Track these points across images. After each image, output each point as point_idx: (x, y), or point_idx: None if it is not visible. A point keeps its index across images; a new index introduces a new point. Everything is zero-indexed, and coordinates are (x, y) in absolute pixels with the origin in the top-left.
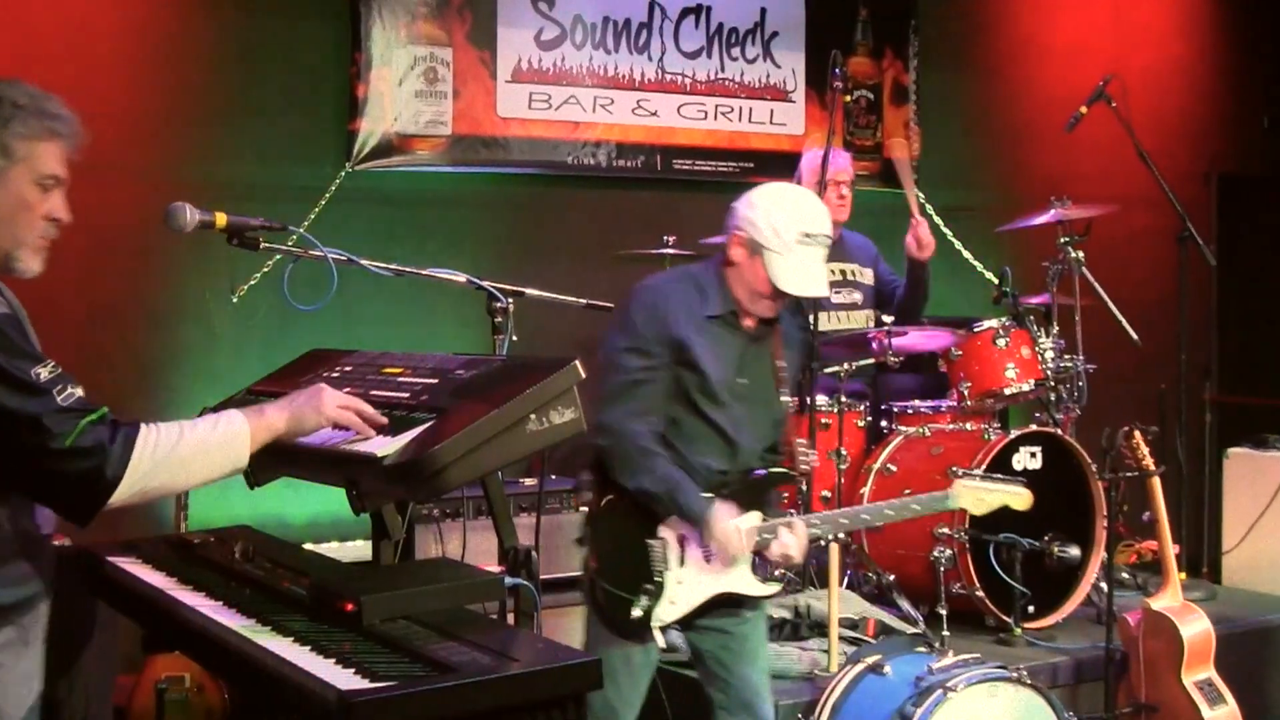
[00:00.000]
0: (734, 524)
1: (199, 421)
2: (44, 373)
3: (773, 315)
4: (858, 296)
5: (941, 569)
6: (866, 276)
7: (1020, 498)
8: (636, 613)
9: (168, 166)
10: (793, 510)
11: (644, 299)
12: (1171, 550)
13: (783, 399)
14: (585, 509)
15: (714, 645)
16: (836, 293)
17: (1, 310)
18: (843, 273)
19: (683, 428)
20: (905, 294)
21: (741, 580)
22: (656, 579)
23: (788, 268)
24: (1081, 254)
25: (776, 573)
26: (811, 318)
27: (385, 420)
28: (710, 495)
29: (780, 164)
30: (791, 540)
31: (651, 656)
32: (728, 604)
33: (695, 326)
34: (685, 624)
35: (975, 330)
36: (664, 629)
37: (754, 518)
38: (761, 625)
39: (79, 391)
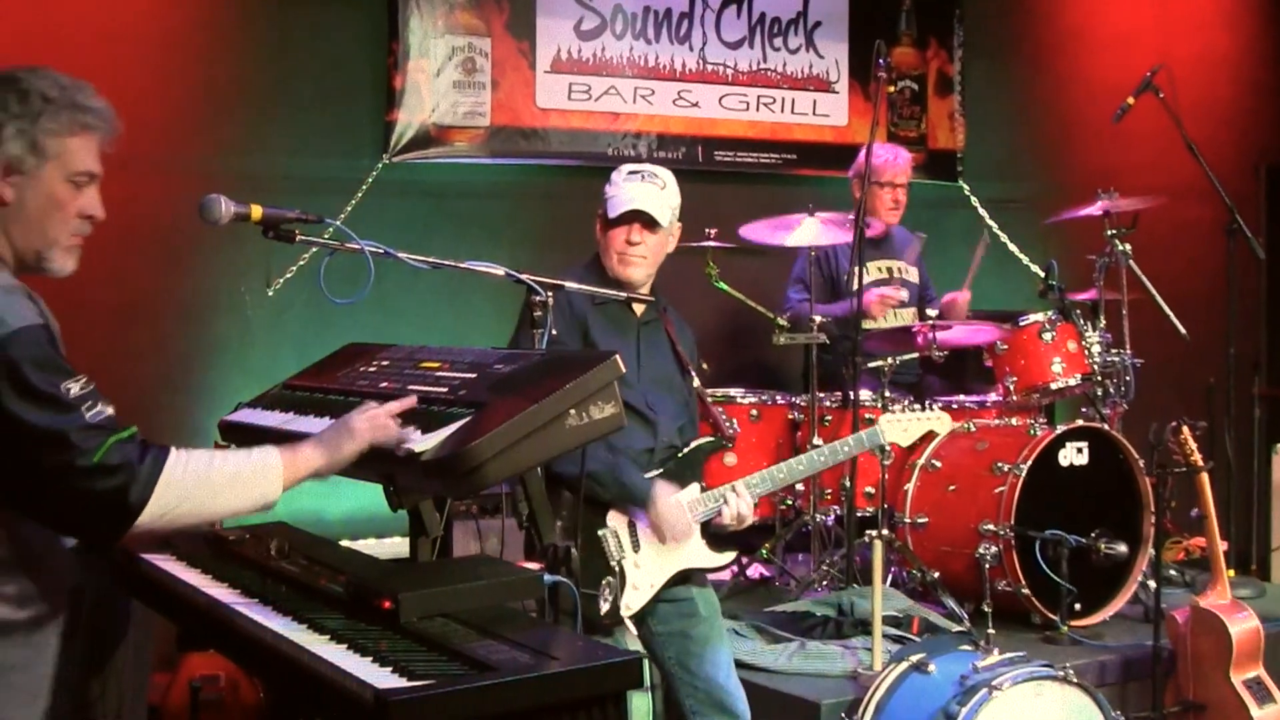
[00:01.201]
0: (675, 499)
1: (232, 452)
2: (75, 388)
3: (637, 270)
4: (904, 295)
5: (987, 566)
6: (912, 275)
7: (941, 421)
8: (604, 606)
9: (202, 158)
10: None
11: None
12: (1220, 547)
13: (688, 380)
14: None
15: (675, 651)
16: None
17: (34, 321)
18: (889, 270)
19: None
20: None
21: (697, 554)
22: (615, 568)
23: (613, 201)
24: (1129, 246)
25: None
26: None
27: (414, 400)
28: (652, 475)
29: (823, 155)
30: (738, 502)
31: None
32: (682, 601)
33: (590, 312)
34: (642, 629)
35: (1021, 324)
36: (634, 618)
37: (694, 490)
38: (718, 623)
39: (109, 410)
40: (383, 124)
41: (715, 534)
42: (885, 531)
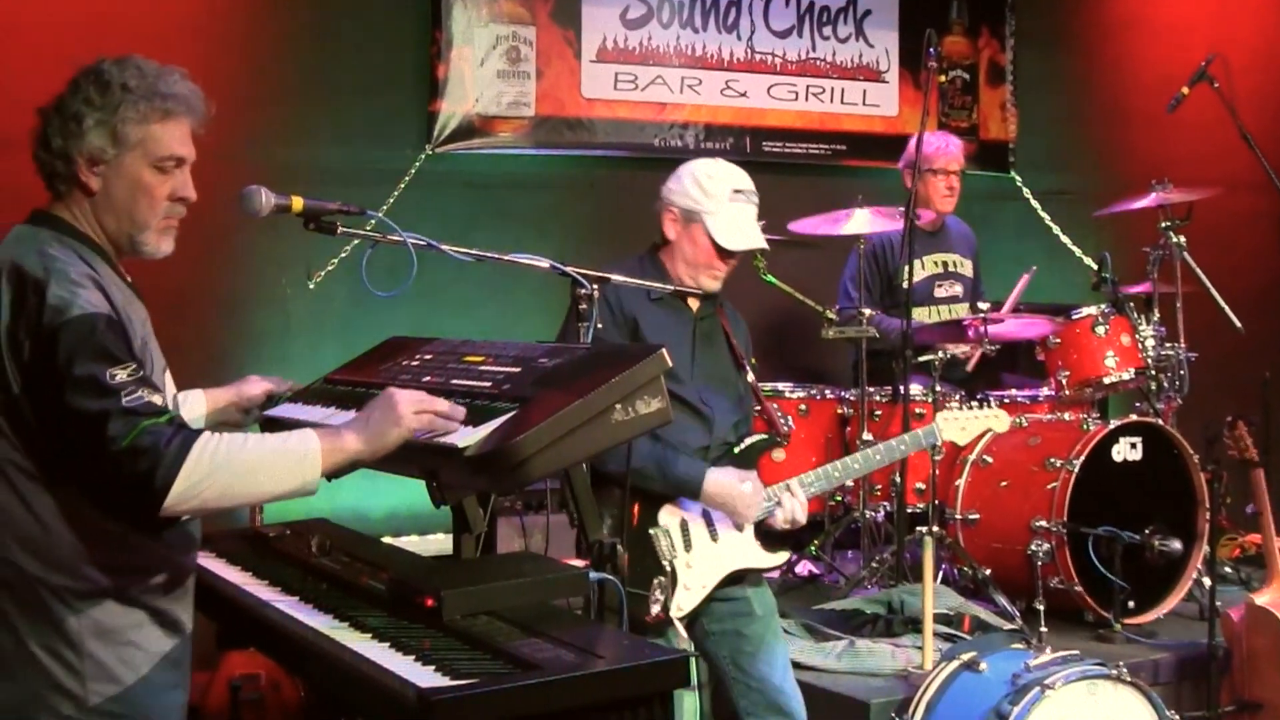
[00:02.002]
0: (733, 483)
1: (270, 435)
2: (121, 375)
3: (717, 283)
4: (959, 289)
5: (1039, 563)
6: (967, 268)
7: (1000, 419)
8: (655, 608)
9: (242, 149)
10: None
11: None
12: (1276, 544)
13: (744, 375)
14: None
15: (729, 650)
16: (939, 285)
17: (94, 310)
18: (944, 264)
19: None
20: None
21: (750, 554)
22: (667, 568)
23: (724, 225)
24: (1183, 239)
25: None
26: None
27: (464, 412)
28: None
29: (873, 146)
30: (793, 502)
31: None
32: (737, 600)
33: (643, 308)
34: (695, 628)
35: (1074, 318)
36: (685, 618)
37: (753, 484)
38: (774, 623)
39: (151, 397)
40: (425, 114)
41: (768, 533)
42: (936, 528)
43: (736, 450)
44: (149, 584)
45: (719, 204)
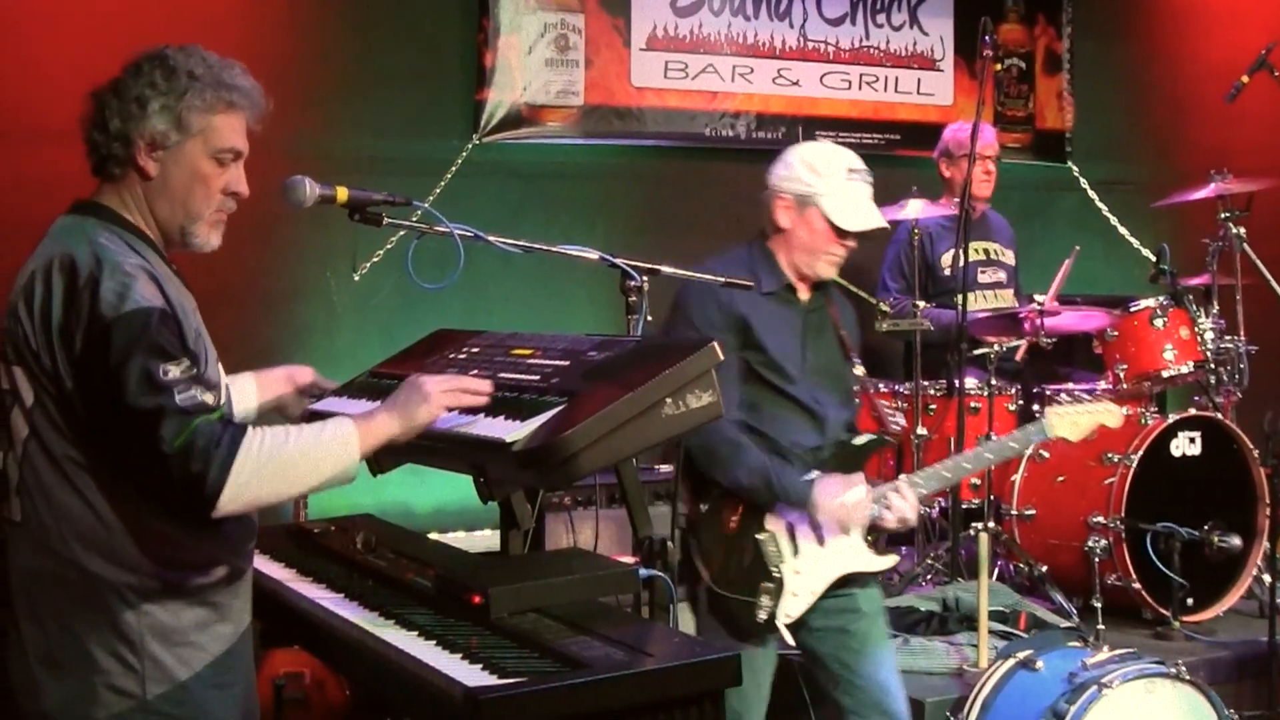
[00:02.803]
0: (841, 500)
1: (308, 426)
2: (174, 371)
3: (834, 269)
4: (1002, 275)
5: (1096, 560)
6: (1009, 257)
7: (1113, 414)
8: (761, 615)
9: (286, 139)
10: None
11: (696, 289)
12: None
13: (852, 368)
14: (684, 517)
15: (834, 647)
16: (982, 271)
17: (148, 304)
18: (986, 251)
19: (765, 411)
20: None
21: (858, 557)
22: (774, 574)
23: (843, 205)
24: (1242, 230)
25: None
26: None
27: (490, 385)
28: (812, 476)
29: (927, 136)
30: (903, 504)
31: (771, 655)
32: (843, 597)
33: (753, 305)
34: (801, 627)
35: (1131, 310)
36: (790, 625)
37: (861, 489)
38: (881, 622)
39: (203, 395)
40: (472, 103)
41: (877, 535)
42: (991, 524)
43: (844, 451)
44: (210, 579)
45: (834, 185)
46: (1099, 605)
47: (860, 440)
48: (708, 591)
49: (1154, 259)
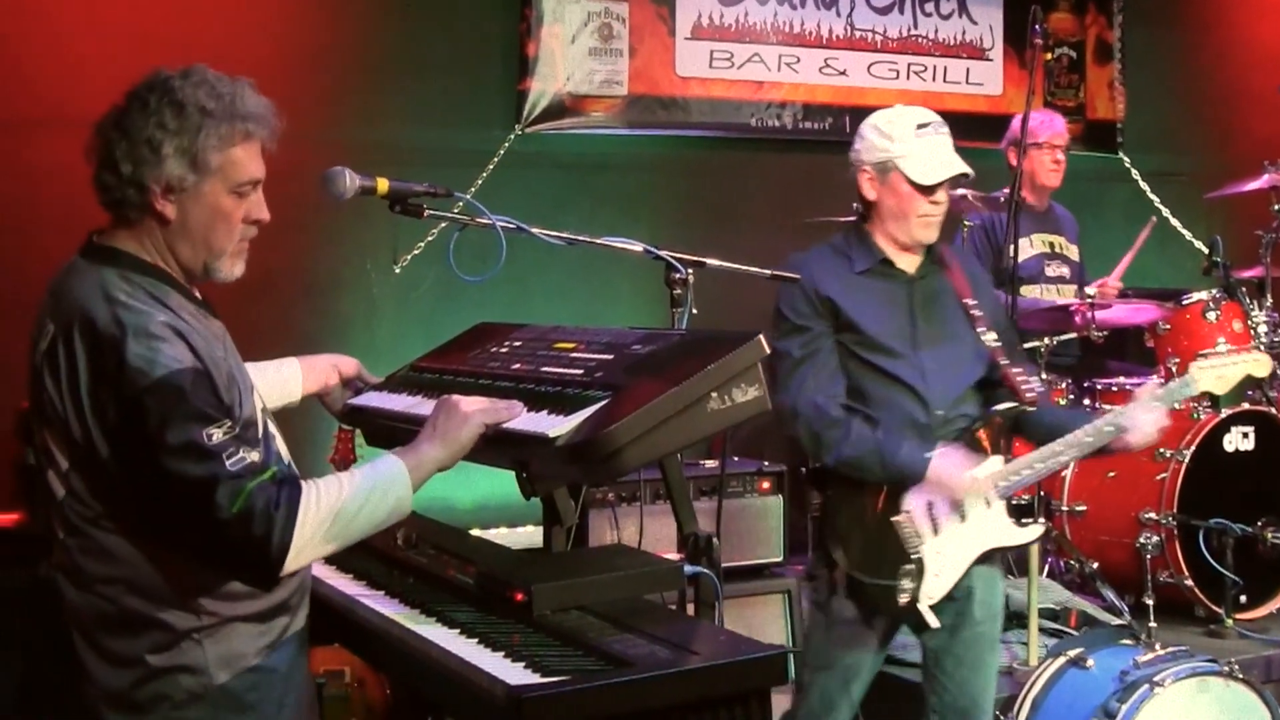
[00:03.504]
0: (971, 473)
1: (356, 471)
2: (218, 435)
3: (932, 230)
4: (1065, 271)
5: (1148, 556)
6: (1073, 253)
7: (1261, 363)
8: (903, 598)
9: (325, 129)
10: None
11: (785, 287)
12: None
13: (982, 335)
14: (815, 506)
15: (941, 643)
16: (1048, 264)
17: (179, 365)
18: (1051, 245)
19: (869, 393)
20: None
21: (1001, 531)
22: (914, 556)
23: (917, 162)
24: None
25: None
26: (1006, 293)
27: (521, 407)
28: (932, 452)
29: (977, 126)
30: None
31: (878, 660)
32: (959, 596)
33: (845, 286)
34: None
35: (1184, 303)
36: (933, 607)
37: (995, 461)
38: (995, 625)
39: (251, 456)
40: (514, 93)
41: (1019, 507)
42: (1041, 520)
43: (975, 425)
44: (270, 603)
45: (906, 144)
46: (1151, 602)
47: (991, 410)
48: (847, 579)
49: (1206, 251)
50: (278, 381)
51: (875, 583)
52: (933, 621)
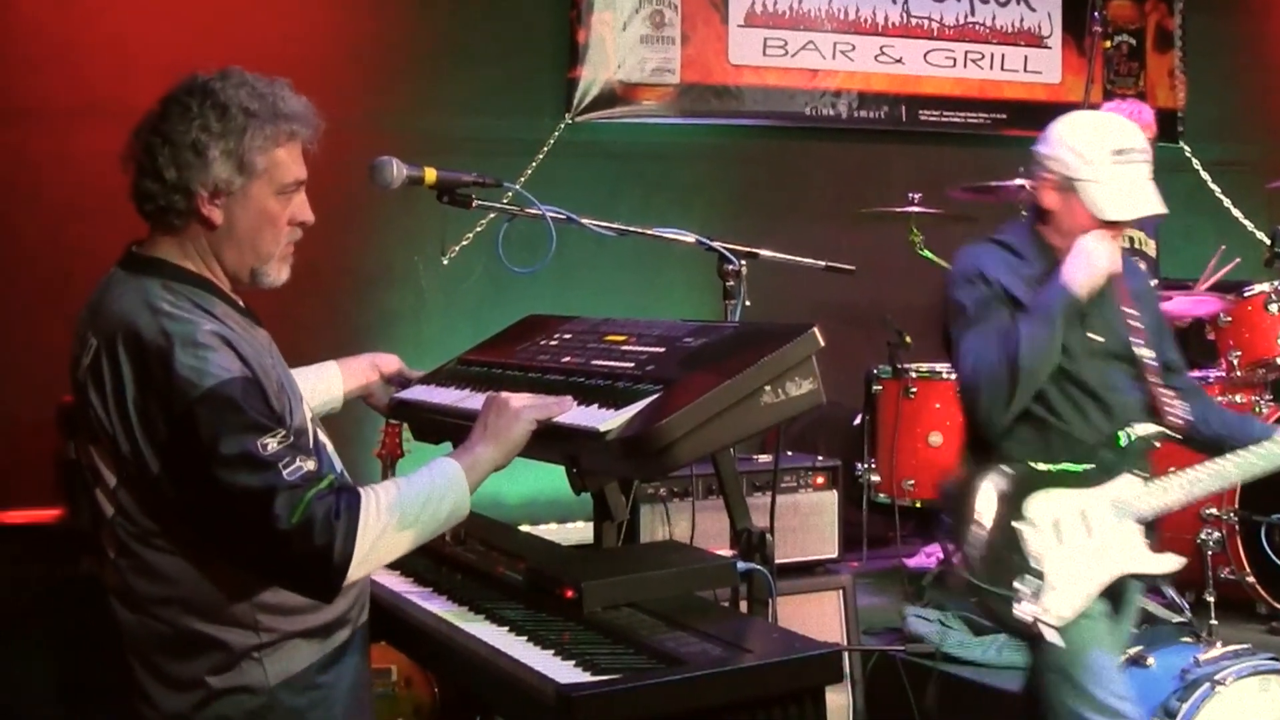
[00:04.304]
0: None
1: (414, 475)
2: (272, 444)
3: None
4: (1143, 267)
5: (1209, 553)
6: (1150, 248)
7: None
8: (1021, 612)
9: (372, 119)
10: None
11: (962, 263)
12: None
13: (1138, 350)
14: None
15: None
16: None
17: (228, 374)
18: (1131, 240)
19: (1051, 398)
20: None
21: (1135, 556)
22: (1034, 567)
23: (1109, 193)
24: None
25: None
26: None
27: (571, 402)
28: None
29: (1035, 115)
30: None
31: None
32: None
33: (1020, 282)
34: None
35: (1245, 295)
36: (1059, 626)
37: (1134, 483)
38: (1122, 630)
39: (308, 465)
40: (564, 81)
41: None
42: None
43: (1126, 442)
44: (329, 616)
45: (1099, 169)
46: (1212, 600)
47: (1141, 432)
48: (967, 584)
49: (1269, 242)
50: (319, 387)
51: (993, 591)
52: (1056, 639)
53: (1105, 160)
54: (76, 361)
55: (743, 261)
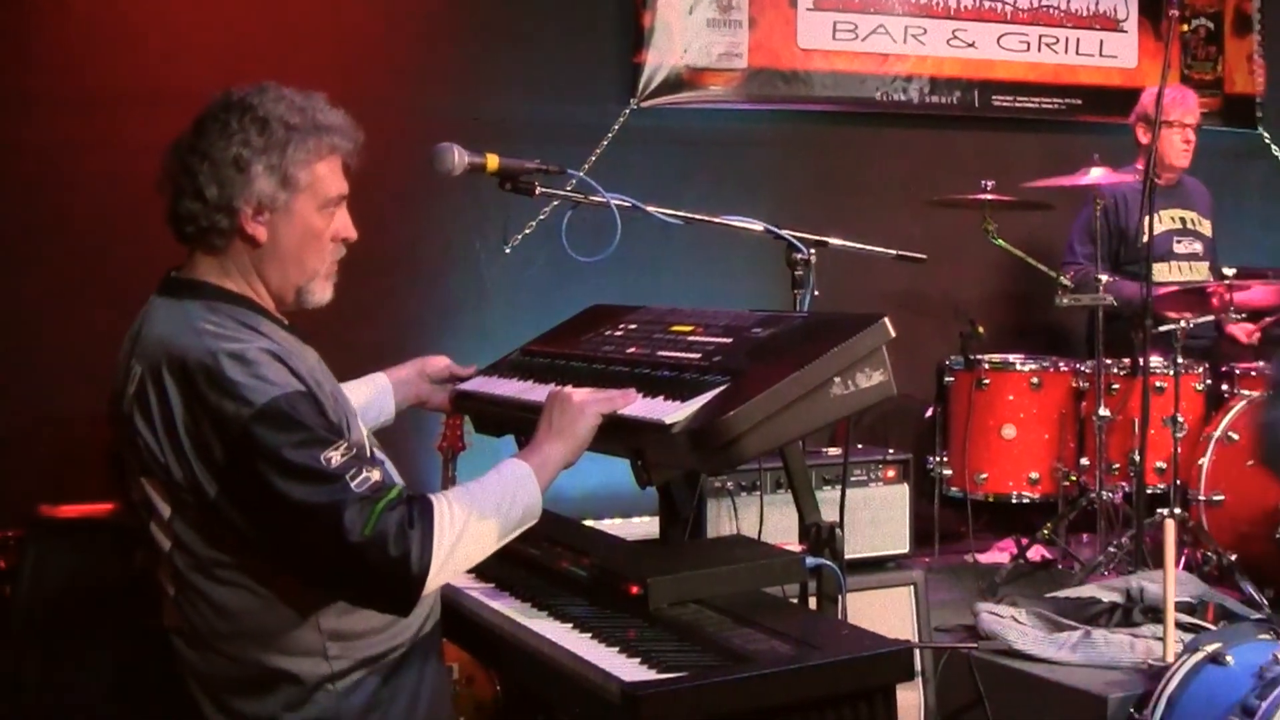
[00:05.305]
0: None
1: (483, 479)
2: (336, 457)
3: None
4: (1198, 247)
5: None
6: (1205, 228)
7: None
8: None
9: (433, 104)
10: None
11: None
12: None
13: None
14: None
15: None
16: (1178, 242)
17: (282, 390)
18: (1183, 220)
19: None
20: None
21: None
22: None
23: None
24: None
25: None
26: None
27: (635, 394)
28: None
29: (1110, 100)
30: None
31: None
32: None
33: None
34: None
35: None
36: None
37: None
38: None
39: (374, 475)
40: (630, 66)
41: None
42: (1178, 510)
43: None
44: (402, 638)
45: None
46: None
47: None
48: None
49: None
50: (374, 401)
51: None
52: None
53: None
54: (120, 393)
55: (812, 250)
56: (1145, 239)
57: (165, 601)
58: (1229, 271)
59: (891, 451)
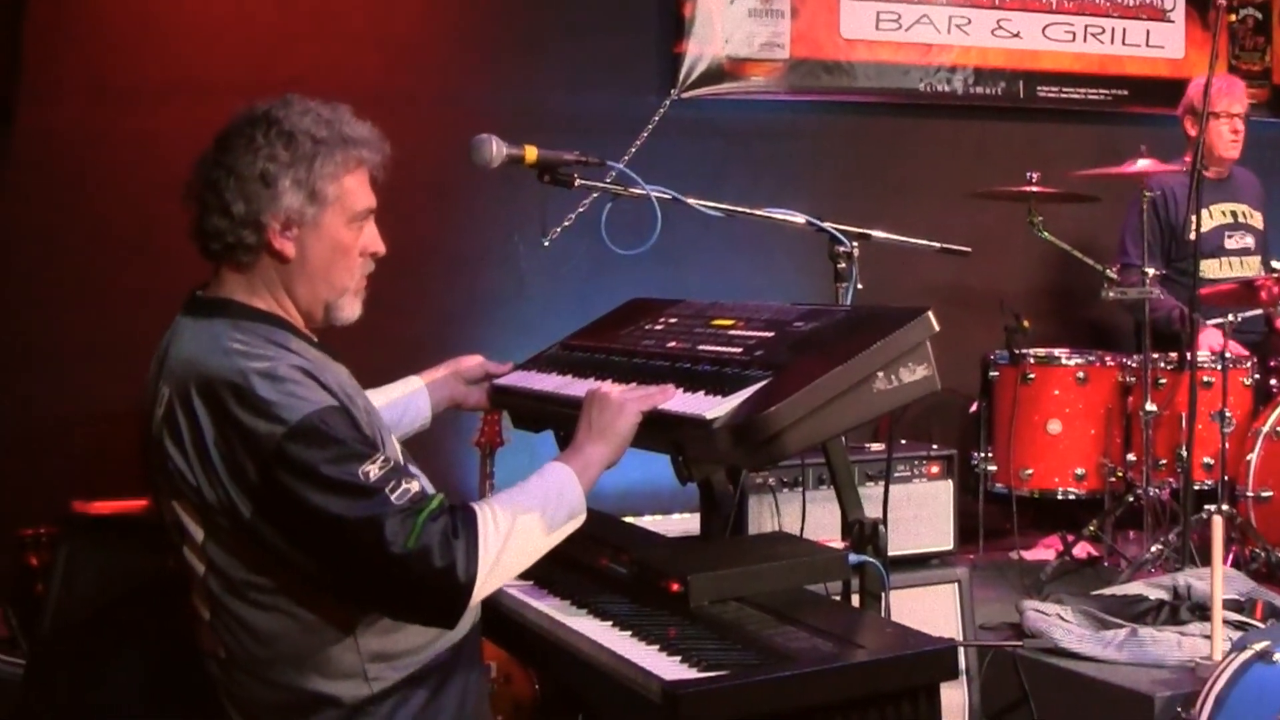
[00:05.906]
0: None
1: (525, 484)
2: (373, 470)
3: None
4: (1249, 241)
5: None
6: (1257, 220)
7: None
8: None
9: (470, 95)
10: None
11: None
12: None
13: None
14: None
15: None
16: (1229, 236)
17: (314, 406)
18: (1233, 214)
19: None
20: None
21: None
22: None
23: None
24: None
25: None
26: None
27: (673, 390)
28: None
29: (1158, 91)
30: None
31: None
32: None
33: None
34: None
35: None
36: None
37: None
38: None
39: (413, 486)
40: (670, 56)
41: None
42: (1226, 507)
43: None
44: (439, 651)
45: None
46: None
47: None
48: None
49: None
50: (411, 406)
51: None
52: None
53: None
54: (149, 416)
55: (854, 243)
56: (1192, 235)
57: (199, 626)
58: (1277, 265)
59: (935, 447)
